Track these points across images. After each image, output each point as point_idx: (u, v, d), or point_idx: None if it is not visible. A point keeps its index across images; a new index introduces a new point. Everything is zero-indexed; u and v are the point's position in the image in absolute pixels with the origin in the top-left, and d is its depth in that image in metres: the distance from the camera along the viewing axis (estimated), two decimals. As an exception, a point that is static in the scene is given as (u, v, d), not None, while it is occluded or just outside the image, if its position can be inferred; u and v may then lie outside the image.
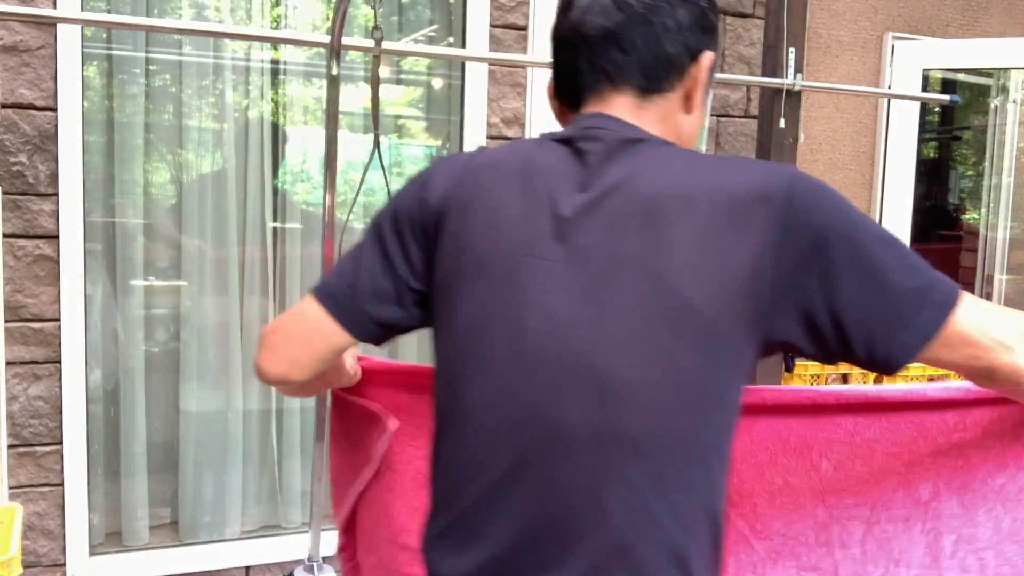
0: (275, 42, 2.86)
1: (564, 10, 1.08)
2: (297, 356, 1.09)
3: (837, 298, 0.94)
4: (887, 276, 0.94)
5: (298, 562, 2.58)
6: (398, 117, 3.17)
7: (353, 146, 3.10)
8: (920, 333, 0.95)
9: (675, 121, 1.08)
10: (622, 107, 1.05)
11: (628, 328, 0.94)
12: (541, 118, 3.13)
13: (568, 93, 1.10)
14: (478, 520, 0.99)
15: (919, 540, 1.29)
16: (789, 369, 3.00)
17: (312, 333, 1.09)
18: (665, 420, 0.94)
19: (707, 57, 1.07)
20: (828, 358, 0.99)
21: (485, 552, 0.98)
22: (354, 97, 3.06)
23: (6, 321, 2.52)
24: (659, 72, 1.04)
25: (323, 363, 1.11)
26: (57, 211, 2.56)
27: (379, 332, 1.11)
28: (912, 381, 3.24)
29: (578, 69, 1.06)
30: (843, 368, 3.22)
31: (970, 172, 4.50)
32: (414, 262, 1.07)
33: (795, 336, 0.96)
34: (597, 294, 0.95)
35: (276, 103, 2.96)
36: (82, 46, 2.59)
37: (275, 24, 2.94)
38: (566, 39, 1.07)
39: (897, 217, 3.77)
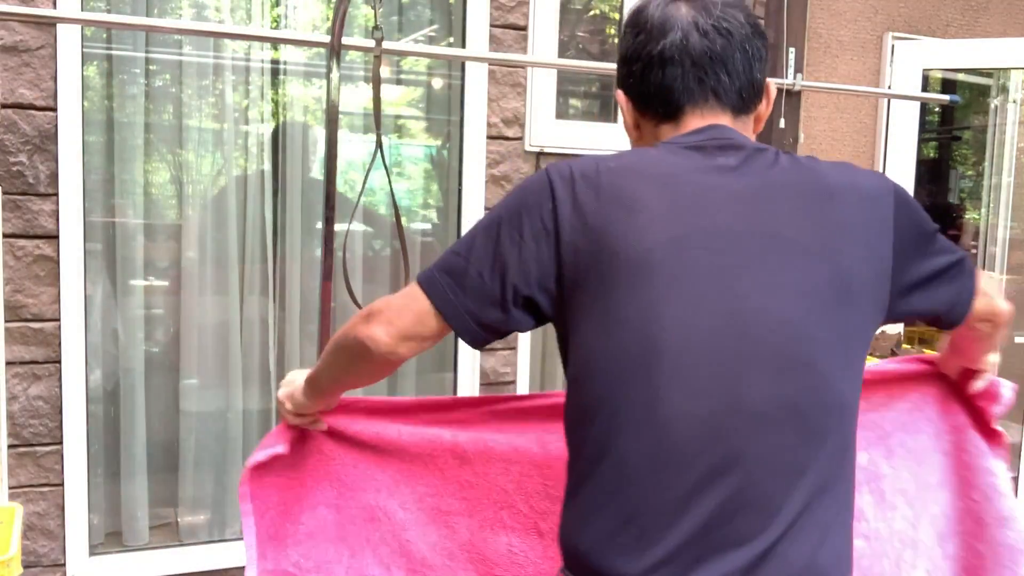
0: (275, 42, 2.86)
1: (658, 31, 1.17)
2: (409, 333, 1.16)
3: (929, 273, 1.19)
4: (949, 258, 1.22)
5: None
6: (398, 117, 3.18)
7: (353, 146, 3.10)
8: (973, 292, 1.26)
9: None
10: (725, 122, 1.19)
11: (817, 309, 1.08)
12: (541, 118, 3.13)
13: (664, 106, 1.19)
14: (679, 509, 1.05)
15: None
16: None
17: (421, 317, 1.16)
18: (848, 392, 1.11)
19: (773, 86, 1.24)
20: (910, 322, 1.28)
21: (677, 539, 1.05)
22: (354, 97, 3.06)
23: (6, 321, 2.52)
24: (751, 95, 1.21)
25: (425, 347, 1.19)
26: (57, 211, 2.56)
27: (481, 334, 1.17)
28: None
29: (686, 86, 1.17)
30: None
31: (970, 172, 4.50)
32: (530, 268, 1.12)
33: (900, 313, 1.19)
34: (782, 279, 1.07)
35: (276, 103, 2.96)
36: (82, 46, 2.59)
37: (275, 24, 2.94)
38: (671, 58, 1.16)
39: (897, 217, 3.77)
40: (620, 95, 1.25)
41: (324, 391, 1.41)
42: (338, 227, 2.34)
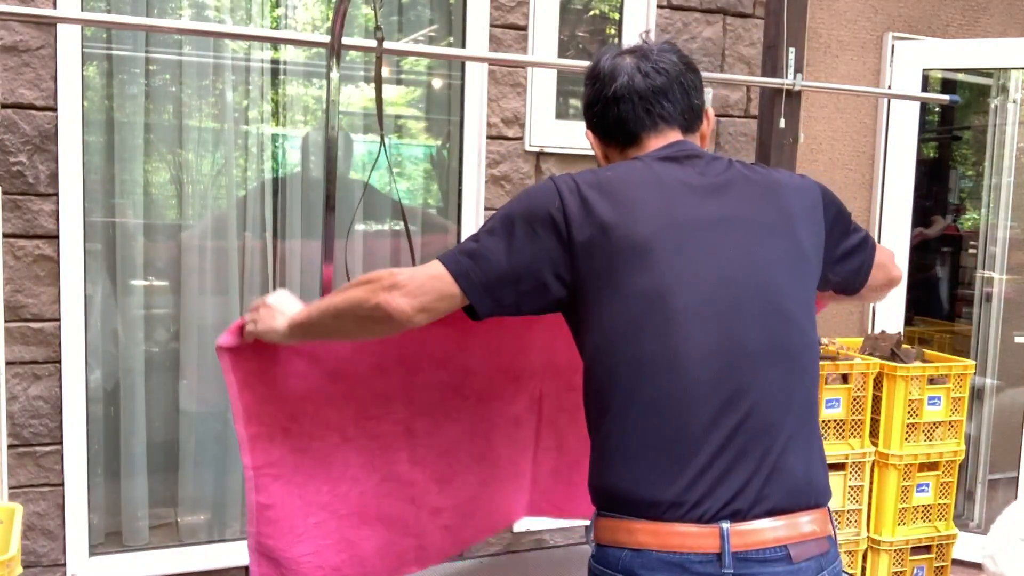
0: (275, 42, 2.86)
1: (609, 78, 1.47)
2: (428, 306, 1.38)
3: (847, 250, 1.58)
4: (859, 236, 1.62)
5: (298, 562, 2.58)
6: (398, 117, 3.18)
7: (353, 146, 3.10)
8: (871, 264, 1.63)
9: None
10: (679, 138, 1.49)
11: (784, 271, 1.39)
12: (541, 118, 3.13)
13: (623, 135, 1.49)
14: (705, 434, 1.31)
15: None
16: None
17: (443, 293, 1.37)
18: (815, 336, 1.43)
19: (711, 111, 1.56)
20: (825, 288, 1.56)
21: (706, 457, 1.31)
22: (354, 97, 3.06)
23: (6, 321, 2.52)
24: (692, 117, 1.51)
25: (437, 317, 1.40)
26: (57, 211, 2.56)
27: (497, 309, 1.39)
28: (912, 375, 3.24)
29: (637, 116, 1.47)
30: (842, 368, 3.22)
31: (970, 172, 4.50)
32: (543, 258, 1.36)
33: (825, 281, 1.53)
34: (756, 250, 1.38)
35: (276, 103, 2.96)
36: (82, 46, 2.59)
37: (275, 24, 2.94)
38: (623, 96, 1.46)
39: (897, 217, 3.77)
40: (589, 134, 1.55)
41: (311, 338, 1.61)
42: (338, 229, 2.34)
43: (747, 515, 1.30)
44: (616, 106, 1.47)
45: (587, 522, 1.44)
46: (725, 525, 1.29)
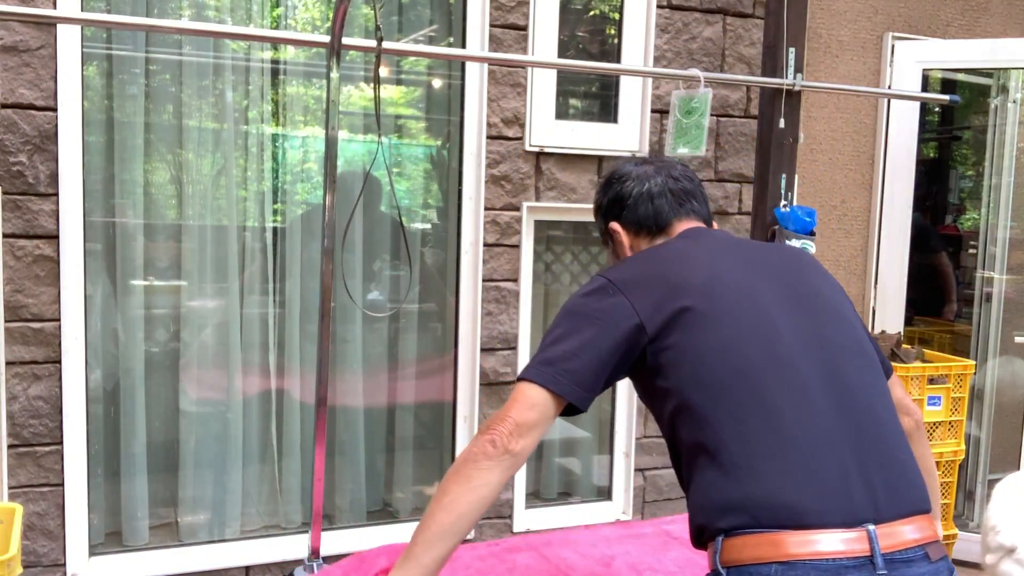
0: (275, 42, 2.86)
1: (643, 177, 1.66)
2: (526, 425, 1.43)
3: None
4: None
5: (298, 562, 2.58)
6: (398, 117, 3.18)
7: (353, 146, 3.10)
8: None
9: None
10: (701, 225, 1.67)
11: (831, 290, 1.53)
12: (541, 118, 3.13)
13: (656, 224, 1.63)
14: (830, 435, 1.34)
15: None
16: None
17: (535, 405, 1.43)
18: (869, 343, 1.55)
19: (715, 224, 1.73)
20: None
21: (833, 461, 1.33)
22: (354, 97, 3.06)
23: (6, 321, 2.52)
24: (708, 220, 1.69)
25: (540, 436, 1.46)
26: (57, 211, 2.56)
27: (592, 396, 1.46)
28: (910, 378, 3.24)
29: (672, 207, 1.64)
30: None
31: (970, 172, 4.50)
32: (614, 336, 1.45)
33: None
34: (781, 294, 1.47)
35: (276, 103, 2.96)
36: (82, 46, 2.59)
37: (275, 24, 2.94)
38: (659, 192, 1.64)
39: (897, 217, 3.77)
40: (616, 226, 1.67)
41: (440, 559, 1.40)
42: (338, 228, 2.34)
43: (886, 517, 1.30)
44: (651, 201, 1.64)
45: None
46: (871, 527, 1.28)
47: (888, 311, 3.80)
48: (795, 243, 2.84)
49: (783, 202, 2.91)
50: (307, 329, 3.00)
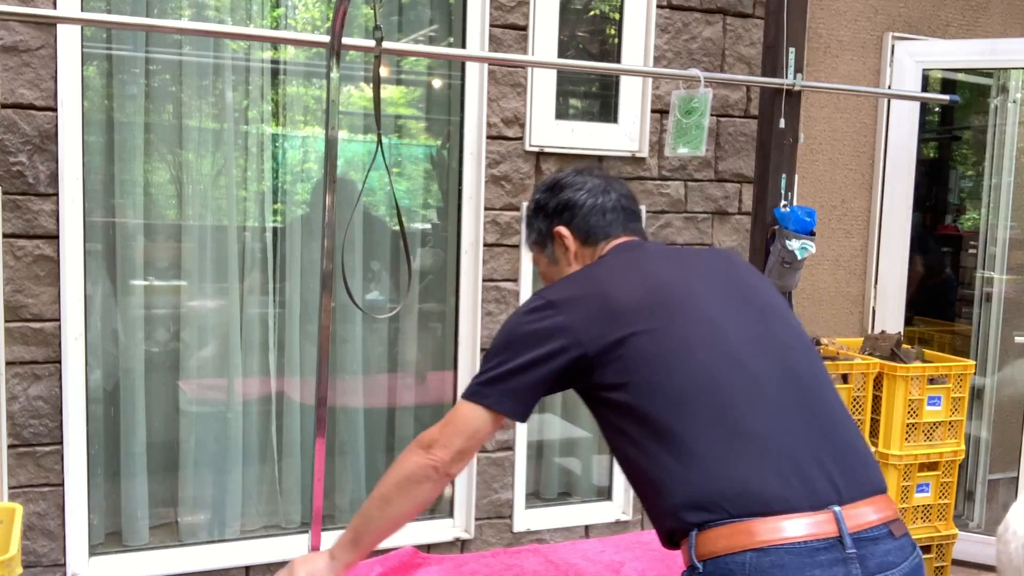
0: (275, 42, 2.86)
1: (597, 191, 1.70)
2: (463, 446, 1.55)
3: None
4: None
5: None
6: (398, 117, 3.18)
7: (353, 146, 3.10)
8: None
9: None
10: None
11: (731, 301, 1.54)
12: (541, 118, 3.13)
13: (603, 237, 1.68)
14: (786, 423, 1.40)
15: None
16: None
17: (470, 423, 1.53)
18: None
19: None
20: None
21: (793, 446, 1.38)
22: (354, 97, 3.06)
23: (6, 321, 2.52)
24: (645, 237, 1.76)
25: (474, 453, 1.58)
26: (57, 211, 2.56)
27: (526, 408, 1.55)
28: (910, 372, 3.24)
29: (615, 223, 1.69)
30: (842, 368, 3.22)
31: (970, 172, 4.50)
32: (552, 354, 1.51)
33: None
34: (715, 293, 1.53)
35: (276, 103, 2.96)
36: (82, 46, 2.59)
37: (275, 24, 2.94)
38: (612, 208, 1.69)
39: (897, 217, 3.77)
40: (564, 231, 1.69)
41: (365, 546, 1.62)
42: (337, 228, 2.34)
43: (849, 499, 1.35)
44: (603, 215, 1.69)
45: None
46: (837, 509, 1.33)
47: (888, 311, 3.80)
48: (795, 243, 2.84)
49: (783, 202, 2.91)
50: (307, 329, 3.00)
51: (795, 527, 1.30)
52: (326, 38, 2.25)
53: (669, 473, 1.39)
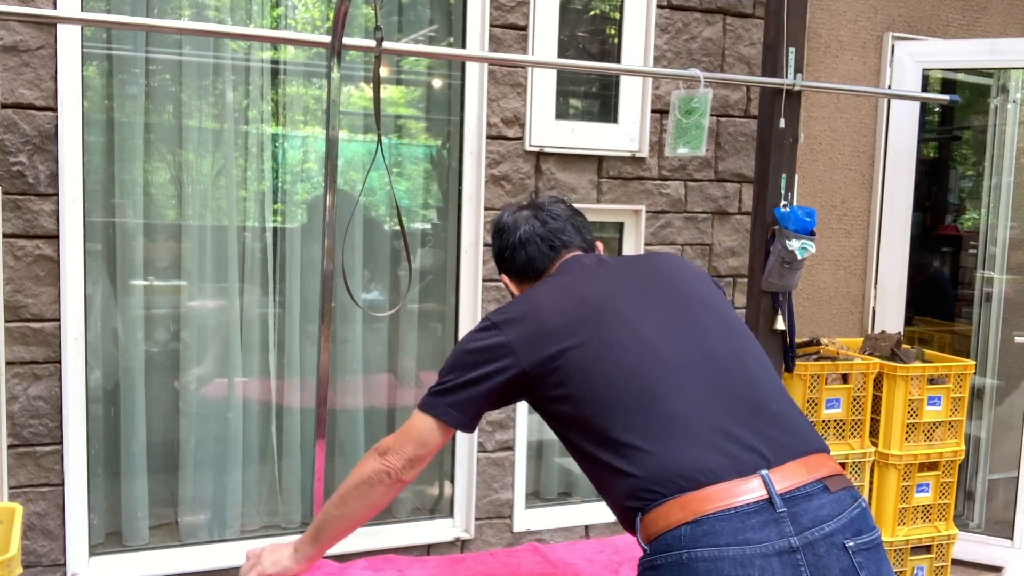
0: (275, 42, 2.86)
1: (513, 228, 1.82)
2: (415, 454, 1.68)
3: None
4: None
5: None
6: (398, 117, 3.18)
7: (353, 146, 3.10)
8: None
9: None
10: (579, 253, 1.82)
11: (673, 306, 1.63)
12: (541, 118, 3.13)
13: (532, 272, 1.80)
14: (707, 400, 1.48)
15: None
16: (789, 370, 3.01)
17: (420, 432, 1.67)
18: (731, 310, 1.72)
19: (601, 244, 1.90)
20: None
21: (715, 422, 1.46)
22: (354, 97, 3.06)
23: (6, 321, 2.52)
24: (586, 245, 1.85)
25: (428, 460, 1.69)
26: (57, 211, 2.56)
27: (472, 420, 1.66)
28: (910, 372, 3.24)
29: (542, 252, 1.80)
30: (842, 368, 3.22)
31: (970, 172, 4.50)
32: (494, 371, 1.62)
33: None
34: (649, 302, 1.62)
35: (276, 103, 2.96)
36: (82, 46, 2.59)
37: (275, 24, 2.94)
38: (528, 240, 1.80)
39: (897, 217, 3.77)
40: (504, 278, 1.85)
41: (323, 543, 1.74)
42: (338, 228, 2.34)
43: (777, 461, 1.42)
44: (523, 249, 1.80)
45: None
46: (764, 472, 1.40)
47: (888, 311, 3.80)
48: (795, 243, 2.84)
49: (783, 202, 2.91)
50: (307, 329, 3.00)
51: (723, 495, 1.37)
52: (326, 38, 2.25)
53: (611, 471, 1.49)
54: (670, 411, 1.46)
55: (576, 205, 3.23)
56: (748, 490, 1.38)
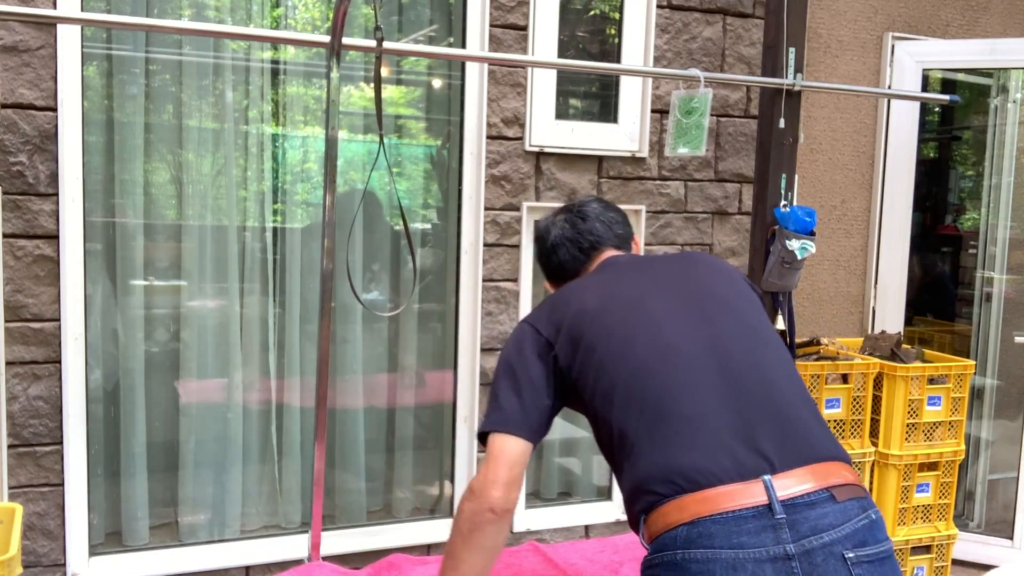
0: (275, 42, 2.86)
1: (546, 234, 1.86)
2: (509, 478, 1.56)
3: None
4: None
5: (298, 562, 2.59)
6: (398, 117, 3.17)
7: (353, 146, 3.10)
8: None
9: None
10: (614, 253, 1.85)
11: (720, 284, 1.68)
12: (541, 118, 3.13)
13: (567, 273, 1.83)
14: (718, 404, 1.47)
15: None
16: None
17: (506, 453, 1.57)
18: (765, 319, 1.70)
19: (639, 239, 1.94)
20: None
21: (722, 426, 1.45)
22: (354, 97, 3.06)
23: (6, 321, 2.52)
24: (619, 241, 1.88)
25: (521, 480, 1.60)
26: (57, 211, 2.56)
27: (543, 429, 1.63)
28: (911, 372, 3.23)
29: (573, 256, 1.84)
30: (842, 368, 3.22)
31: (970, 172, 4.50)
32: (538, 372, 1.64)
33: None
34: (680, 302, 1.62)
35: (276, 103, 2.96)
36: (82, 46, 2.59)
37: (275, 24, 2.94)
38: (559, 245, 1.84)
39: (897, 217, 3.77)
40: (546, 284, 1.90)
41: None
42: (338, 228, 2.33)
43: (782, 467, 1.40)
44: (555, 253, 1.84)
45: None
46: (767, 477, 1.38)
47: (888, 311, 3.80)
48: (795, 243, 2.84)
49: (783, 202, 2.91)
50: (307, 329, 3.00)
51: (721, 498, 1.37)
52: (326, 38, 2.25)
53: (621, 469, 1.50)
54: (680, 412, 1.45)
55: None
56: (748, 494, 1.37)
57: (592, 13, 3.27)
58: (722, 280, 1.69)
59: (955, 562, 3.55)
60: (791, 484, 1.38)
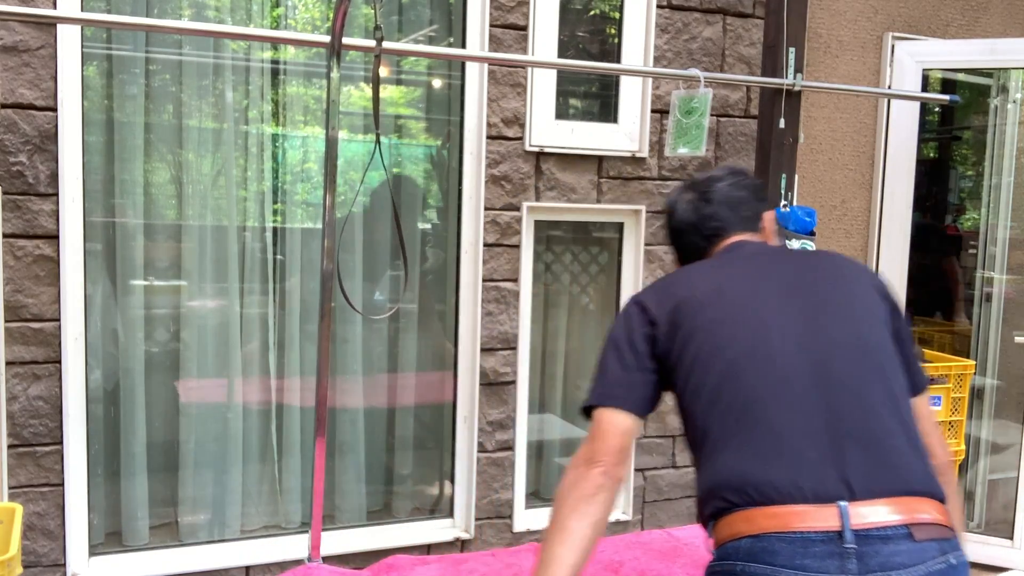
0: (275, 42, 2.86)
1: (672, 214, 1.80)
2: (617, 449, 1.52)
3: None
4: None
5: (298, 562, 2.58)
6: (398, 117, 3.17)
7: (353, 146, 3.10)
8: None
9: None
10: (744, 238, 1.75)
11: (811, 314, 1.55)
12: (541, 118, 3.13)
13: (695, 255, 1.77)
14: (807, 420, 1.41)
15: None
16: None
17: (615, 425, 1.53)
18: (886, 339, 1.59)
19: (768, 215, 1.82)
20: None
21: (808, 444, 1.40)
22: (354, 97, 3.06)
23: (6, 321, 2.52)
24: (746, 223, 1.78)
25: (630, 452, 1.59)
26: (57, 211, 2.56)
27: (651, 402, 1.59)
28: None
29: (695, 243, 1.77)
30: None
31: (970, 172, 4.50)
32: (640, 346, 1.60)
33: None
34: (794, 305, 1.54)
35: (276, 103, 2.96)
36: (82, 46, 2.59)
37: (275, 24, 2.94)
38: (683, 230, 1.78)
39: (897, 217, 3.77)
40: (675, 258, 1.84)
41: None
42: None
43: (863, 496, 1.34)
44: (681, 238, 1.79)
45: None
46: (843, 504, 1.33)
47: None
48: (795, 243, 2.84)
49: (783, 202, 2.91)
50: (307, 329, 3.00)
51: (791, 517, 1.33)
52: (326, 38, 2.25)
53: (700, 467, 1.47)
54: (767, 422, 1.40)
55: (576, 205, 3.24)
56: (820, 517, 1.32)
57: (592, 13, 3.27)
58: (848, 286, 1.58)
59: (955, 562, 3.55)
60: (868, 514, 1.32)
